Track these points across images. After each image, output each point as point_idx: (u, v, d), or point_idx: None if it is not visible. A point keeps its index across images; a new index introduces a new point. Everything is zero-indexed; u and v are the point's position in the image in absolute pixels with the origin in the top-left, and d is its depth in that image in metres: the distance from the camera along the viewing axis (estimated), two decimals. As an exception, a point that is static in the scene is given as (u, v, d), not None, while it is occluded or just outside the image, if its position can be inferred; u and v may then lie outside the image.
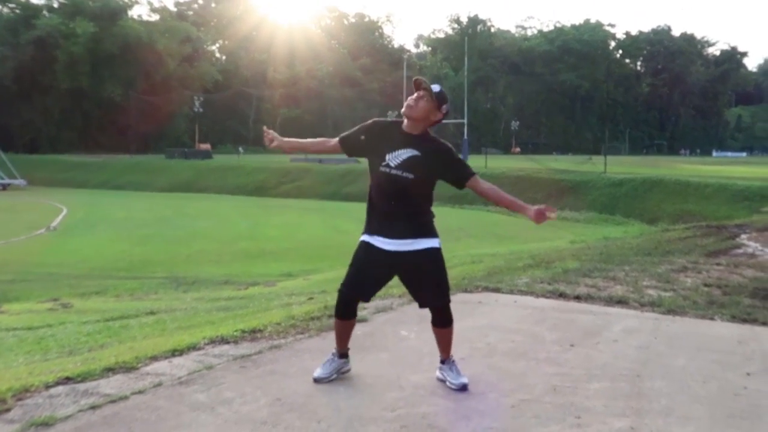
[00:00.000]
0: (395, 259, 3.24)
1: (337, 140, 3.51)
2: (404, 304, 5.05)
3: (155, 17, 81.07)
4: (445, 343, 3.40)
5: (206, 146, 65.01)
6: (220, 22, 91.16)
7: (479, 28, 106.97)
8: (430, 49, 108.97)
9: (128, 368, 3.42)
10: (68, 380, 3.21)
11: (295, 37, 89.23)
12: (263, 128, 3.72)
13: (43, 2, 73.25)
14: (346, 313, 3.37)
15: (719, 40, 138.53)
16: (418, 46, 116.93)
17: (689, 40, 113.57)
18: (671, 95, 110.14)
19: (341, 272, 3.54)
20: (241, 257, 16.53)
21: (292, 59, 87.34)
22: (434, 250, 3.25)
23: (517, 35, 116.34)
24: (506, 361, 3.77)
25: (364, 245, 3.31)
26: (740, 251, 8.95)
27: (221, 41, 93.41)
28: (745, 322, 4.81)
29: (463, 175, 3.23)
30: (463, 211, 28.52)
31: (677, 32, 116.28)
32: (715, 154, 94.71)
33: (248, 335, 4.12)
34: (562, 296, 5.54)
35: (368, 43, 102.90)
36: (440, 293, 3.31)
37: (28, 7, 71.25)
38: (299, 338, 4.12)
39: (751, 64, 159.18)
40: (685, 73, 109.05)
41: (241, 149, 68.81)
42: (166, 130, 72.78)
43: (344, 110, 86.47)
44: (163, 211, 28.73)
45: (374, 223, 3.30)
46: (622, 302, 5.33)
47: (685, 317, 4.92)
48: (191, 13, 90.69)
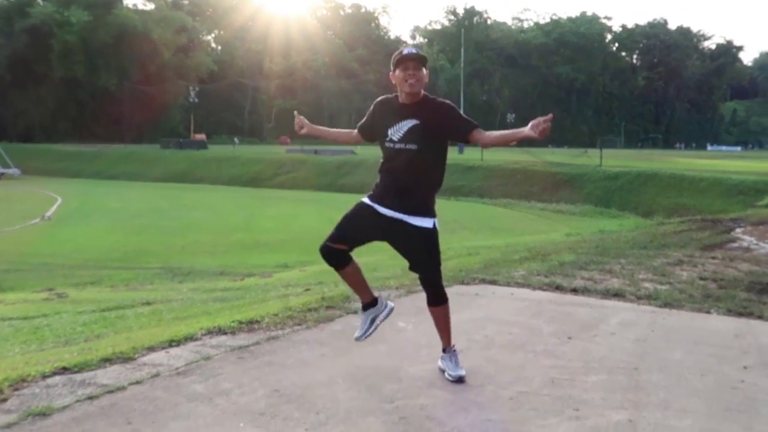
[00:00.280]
0: (387, 224, 3.22)
1: (356, 131, 3.54)
2: (402, 296, 5.05)
3: (150, 6, 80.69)
4: (442, 326, 3.38)
5: (201, 137, 64.90)
6: (215, 12, 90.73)
7: (476, 19, 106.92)
8: (426, 40, 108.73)
9: (125, 359, 3.41)
10: (65, 370, 3.20)
11: (291, 27, 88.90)
12: (294, 113, 3.72)
13: (37, -10, 72.84)
14: (335, 262, 3.31)
15: (715, 34, 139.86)
16: (414, 37, 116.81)
17: (685, 33, 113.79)
18: (667, 89, 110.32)
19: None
20: (236, 248, 16.51)
21: (288, 50, 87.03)
22: (426, 230, 3.22)
23: (513, 27, 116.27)
24: (504, 353, 3.77)
25: (359, 203, 3.31)
26: (735, 245, 8.95)
27: (217, 31, 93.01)
28: (741, 315, 4.82)
29: (465, 128, 3.19)
30: (458, 203, 28.57)
31: (673, 26, 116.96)
32: (710, 148, 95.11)
33: (245, 326, 4.11)
34: (558, 289, 5.54)
35: (364, 34, 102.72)
36: (428, 268, 3.30)
37: (22, -6, 70.83)
38: (296, 329, 4.11)
39: (746, 58, 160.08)
40: (680, 66, 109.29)
41: (236, 140, 68.66)
42: (161, 120, 72.56)
43: (340, 101, 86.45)
44: (158, 201, 28.66)
45: (376, 192, 3.30)
46: (618, 295, 5.34)
47: (681, 310, 4.92)
48: (186, 2, 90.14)
